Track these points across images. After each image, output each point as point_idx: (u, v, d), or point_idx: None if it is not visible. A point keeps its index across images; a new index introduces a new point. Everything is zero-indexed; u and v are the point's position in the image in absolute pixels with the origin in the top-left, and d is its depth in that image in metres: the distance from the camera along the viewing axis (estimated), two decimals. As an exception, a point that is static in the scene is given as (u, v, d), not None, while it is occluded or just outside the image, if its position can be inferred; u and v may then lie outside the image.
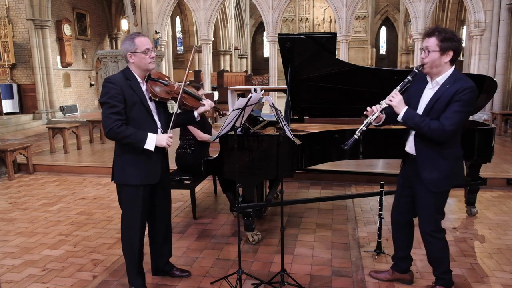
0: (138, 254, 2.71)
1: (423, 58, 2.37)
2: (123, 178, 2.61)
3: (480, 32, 9.93)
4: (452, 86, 2.32)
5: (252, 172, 3.37)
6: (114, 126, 2.42)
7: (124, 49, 2.54)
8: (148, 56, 2.53)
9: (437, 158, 2.43)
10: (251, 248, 3.48)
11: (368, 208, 4.46)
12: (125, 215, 2.68)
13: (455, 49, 2.33)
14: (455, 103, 2.29)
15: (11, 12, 12.09)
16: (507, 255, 3.29)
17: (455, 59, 2.36)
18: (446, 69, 2.38)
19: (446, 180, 2.46)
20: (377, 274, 2.93)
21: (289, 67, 3.77)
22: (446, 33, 2.32)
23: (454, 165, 2.46)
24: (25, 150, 6.22)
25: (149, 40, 2.59)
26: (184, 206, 4.59)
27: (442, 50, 2.31)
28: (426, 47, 2.36)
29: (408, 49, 20.61)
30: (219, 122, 10.89)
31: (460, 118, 2.32)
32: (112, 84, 2.46)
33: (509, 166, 5.74)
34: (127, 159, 2.58)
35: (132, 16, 11.59)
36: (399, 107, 2.40)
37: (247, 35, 23.80)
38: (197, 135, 4.06)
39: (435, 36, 2.32)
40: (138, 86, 2.56)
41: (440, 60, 2.34)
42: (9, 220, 4.28)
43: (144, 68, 2.56)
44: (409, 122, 2.39)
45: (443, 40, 2.30)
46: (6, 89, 11.79)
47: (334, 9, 11.65)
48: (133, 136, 2.47)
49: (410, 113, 2.39)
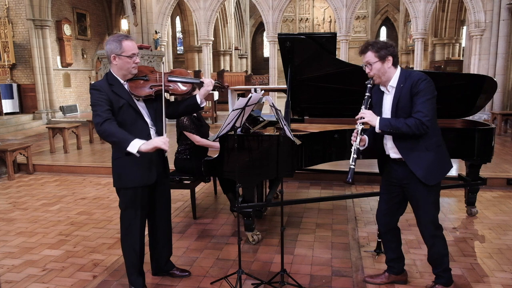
0: (138, 255, 2.71)
1: (369, 72, 2.52)
2: (118, 182, 2.60)
3: (480, 32, 9.93)
4: (406, 83, 2.45)
5: (252, 172, 3.36)
6: (103, 122, 2.37)
7: (108, 49, 2.48)
8: (132, 61, 2.49)
9: (423, 153, 2.50)
10: (251, 248, 3.48)
11: (368, 208, 4.46)
12: (124, 217, 2.67)
13: (391, 53, 2.48)
14: (417, 95, 2.41)
15: (11, 12, 12.09)
16: (507, 255, 3.29)
17: (396, 61, 2.51)
18: (392, 72, 2.52)
19: (439, 170, 2.55)
20: (373, 279, 2.92)
21: (289, 67, 3.77)
22: (377, 43, 2.50)
23: (440, 153, 2.54)
24: (25, 150, 6.22)
25: (135, 45, 2.53)
26: (184, 206, 4.59)
27: (381, 59, 2.47)
28: (366, 62, 2.51)
29: (408, 49, 20.60)
30: (219, 122, 10.89)
31: (430, 106, 2.41)
32: (97, 90, 2.45)
33: (509, 166, 5.74)
34: (122, 163, 2.55)
35: (132, 16, 11.59)
36: (372, 120, 2.50)
37: (247, 35, 23.79)
38: (194, 140, 3.96)
39: (369, 50, 2.49)
40: (122, 89, 2.51)
41: (384, 68, 2.49)
42: (9, 220, 4.28)
43: (127, 72, 2.52)
44: (387, 128, 2.47)
45: (378, 50, 2.47)
46: (6, 89, 11.79)
47: (334, 9, 11.65)
48: (118, 135, 2.36)
49: (384, 120, 2.49)
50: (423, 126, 2.39)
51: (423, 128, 2.40)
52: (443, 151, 2.59)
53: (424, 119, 2.38)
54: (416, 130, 2.40)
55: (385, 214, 2.79)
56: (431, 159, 2.50)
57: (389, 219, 2.79)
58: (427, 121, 2.39)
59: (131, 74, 2.54)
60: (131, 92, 2.54)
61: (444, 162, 2.59)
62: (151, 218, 2.83)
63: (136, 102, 2.56)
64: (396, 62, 2.51)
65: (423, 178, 2.50)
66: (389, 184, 2.73)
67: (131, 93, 2.54)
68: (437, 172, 2.54)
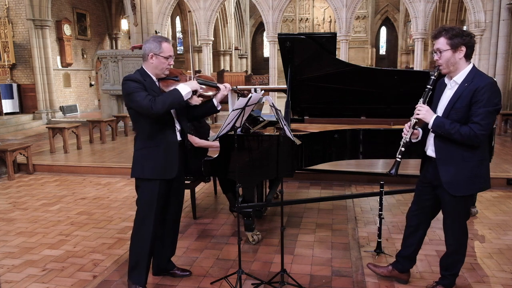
0: (148, 251, 2.71)
1: (437, 59, 2.36)
2: (140, 172, 2.64)
3: (480, 32, 9.93)
4: (471, 84, 2.30)
5: (252, 172, 3.37)
6: (152, 102, 2.45)
7: (147, 48, 2.58)
8: (168, 62, 2.62)
9: (458, 161, 2.38)
10: (251, 248, 3.48)
11: (368, 208, 4.46)
12: (140, 210, 2.69)
13: (467, 43, 2.31)
14: (478, 104, 2.26)
15: (11, 12, 12.10)
16: (507, 255, 3.29)
17: (469, 54, 2.34)
18: (462, 66, 2.36)
19: (468, 185, 2.40)
20: (375, 267, 2.92)
21: (289, 67, 3.77)
22: (453, 30, 2.32)
23: (476, 168, 2.38)
24: (25, 150, 6.22)
25: (172, 48, 2.66)
26: (184, 206, 4.55)
27: (454, 47, 2.30)
28: (437, 48, 2.35)
29: (408, 49, 20.59)
30: (219, 122, 10.89)
31: (489, 120, 2.27)
32: (132, 81, 2.53)
33: (509, 166, 5.74)
34: (145, 153, 2.62)
35: (132, 16, 11.58)
36: (427, 117, 2.38)
37: (247, 35, 23.78)
38: (193, 142, 3.94)
39: (442, 35, 2.32)
40: (154, 84, 2.62)
41: (454, 58, 2.33)
42: (9, 220, 4.28)
43: (160, 72, 2.63)
44: (439, 130, 2.36)
45: (451, 37, 2.30)
46: (6, 89, 11.80)
47: (334, 9, 11.65)
48: (168, 95, 2.50)
49: (440, 121, 2.36)
50: (476, 139, 2.27)
51: (476, 141, 2.28)
52: (483, 168, 2.42)
53: (479, 132, 2.25)
54: (468, 141, 2.28)
55: (414, 214, 2.72)
56: (463, 171, 2.37)
57: (417, 221, 2.70)
58: (482, 135, 2.26)
59: (163, 74, 2.66)
60: (162, 89, 2.64)
61: (478, 178, 2.40)
62: (162, 216, 2.83)
63: None
64: (470, 54, 2.33)
65: (447, 185, 2.40)
66: (421, 185, 2.66)
67: (163, 90, 2.63)
68: (465, 185, 2.39)
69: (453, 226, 2.53)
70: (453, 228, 2.53)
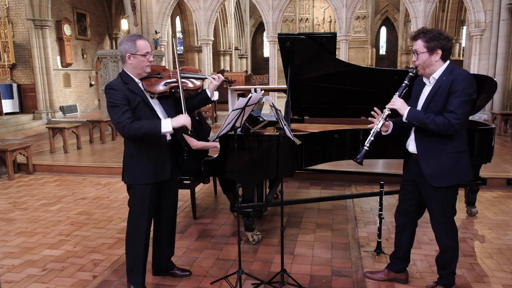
0: (143, 253, 2.71)
1: (415, 61, 2.43)
2: (134, 178, 2.62)
3: (480, 32, 9.92)
4: (448, 77, 2.37)
5: (252, 172, 3.37)
6: (127, 123, 2.44)
7: (123, 49, 2.54)
8: (146, 59, 2.55)
9: (438, 153, 2.43)
10: (251, 248, 3.48)
11: (368, 208, 4.46)
12: (133, 213, 2.69)
13: (443, 46, 2.38)
14: (453, 94, 2.32)
15: (11, 12, 12.09)
16: (507, 255, 3.29)
17: (446, 56, 2.40)
18: (439, 66, 2.42)
19: (448, 175, 2.44)
20: (372, 274, 2.93)
21: (289, 67, 3.77)
22: (431, 33, 2.38)
23: (455, 159, 2.44)
24: (25, 150, 6.22)
25: (148, 44, 2.61)
26: (184, 206, 4.59)
27: (430, 50, 2.37)
28: (415, 50, 2.42)
29: (408, 49, 20.57)
30: (219, 122, 10.89)
31: (464, 110, 2.32)
32: (114, 90, 2.49)
33: (509, 166, 5.74)
34: (137, 160, 2.60)
35: (132, 16, 11.58)
36: (402, 109, 2.44)
37: (247, 35, 23.77)
38: (191, 144, 3.94)
39: (420, 38, 2.39)
40: (137, 87, 2.58)
41: (430, 60, 2.40)
42: (9, 220, 4.28)
43: (142, 71, 2.59)
44: (414, 120, 2.41)
45: (428, 40, 2.37)
46: (6, 89, 11.79)
47: (334, 9, 11.64)
48: (147, 125, 2.47)
49: (414, 112, 2.42)
50: (451, 128, 2.31)
51: (450, 130, 2.32)
52: (463, 158, 2.47)
53: (454, 121, 2.30)
54: (443, 130, 2.33)
55: (400, 214, 2.76)
56: (444, 162, 2.42)
57: (404, 220, 2.74)
58: (457, 124, 2.31)
59: (145, 73, 2.61)
60: (147, 89, 2.60)
61: (460, 169, 2.46)
62: (157, 217, 2.84)
63: (150, 99, 2.62)
64: (446, 56, 2.40)
65: (428, 177, 2.45)
66: (404, 183, 2.70)
67: (147, 90, 2.60)
68: (445, 177, 2.43)
69: (441, 223, 2.55)
70: (441, 224, 2.56)
